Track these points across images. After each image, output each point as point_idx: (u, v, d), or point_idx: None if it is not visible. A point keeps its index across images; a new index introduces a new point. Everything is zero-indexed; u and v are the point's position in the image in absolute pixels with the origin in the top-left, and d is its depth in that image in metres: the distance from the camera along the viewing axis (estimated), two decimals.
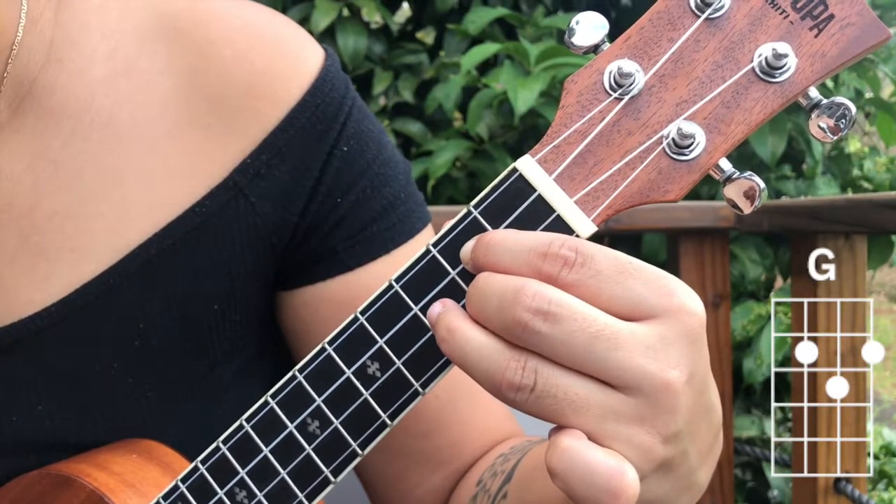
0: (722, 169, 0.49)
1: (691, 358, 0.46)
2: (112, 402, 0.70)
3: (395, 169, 0.74)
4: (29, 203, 0.68)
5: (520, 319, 0.45)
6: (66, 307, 0.68)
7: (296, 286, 0.74)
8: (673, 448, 0.46)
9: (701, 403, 0.47)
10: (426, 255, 0.51)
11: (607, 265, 0.46)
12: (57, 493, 0.65)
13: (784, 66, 0.48)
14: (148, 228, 0.68)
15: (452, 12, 2.45)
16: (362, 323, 0.52)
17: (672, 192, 0.49)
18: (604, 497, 0.44)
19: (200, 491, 0.56)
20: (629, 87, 0.49)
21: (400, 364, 0.52)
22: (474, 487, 0.73)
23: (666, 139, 0.49)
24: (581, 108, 0.50)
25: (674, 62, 0.49)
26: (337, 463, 0.54)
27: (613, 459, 0.44)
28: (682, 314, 0.45)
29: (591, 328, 0.44)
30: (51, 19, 0.68)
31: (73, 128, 0.68)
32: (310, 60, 0.71)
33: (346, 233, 0.72)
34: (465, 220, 0.51)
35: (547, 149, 0.50)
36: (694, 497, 0.50)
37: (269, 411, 0.54)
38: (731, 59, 0.49)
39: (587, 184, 0.50)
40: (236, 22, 0.70)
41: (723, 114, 0.49)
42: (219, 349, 0.73)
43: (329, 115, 0.71)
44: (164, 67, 0.69)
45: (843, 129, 0.47)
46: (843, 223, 1.65)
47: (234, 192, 0.69)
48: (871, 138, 2.44)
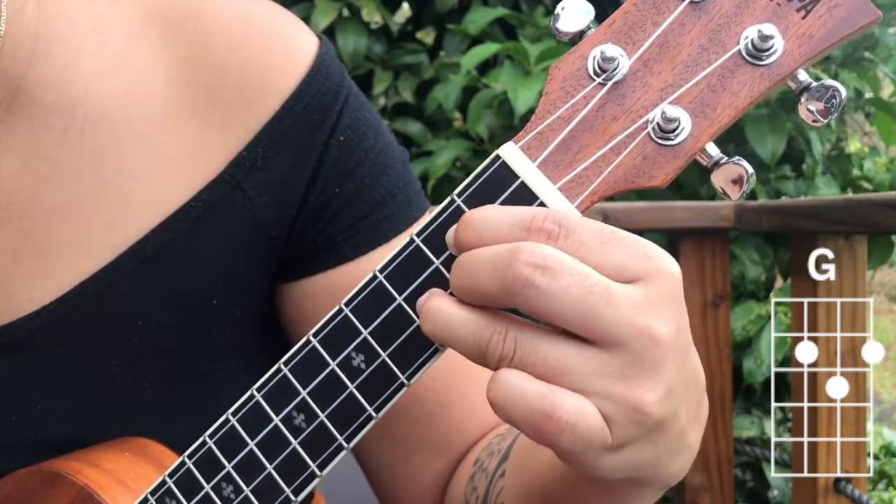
0: (709, 154, 0.49)
1: (675, 316, 0.46)
2: (111, 401, 0.70)
3: (393, 157, 0.74)
4: (27, 202, 0.68)
5: (520, 274, 0.45)
6: (64, 305, 0.68)
7: (296, 277, 0.73)
8: (664, 408, 0.46)
9: (687, 362, 0.48)
10: (410, 244, 0.51)
11: (590, 235, 0.46)
12: (47, 489, 0.64)
13: (771, 48, 0.47)
14: (145, 224, 0.68)
15: (452, 12, 2.45)
16: (347, 315, 0.52)
17: (658, 178, 0.48)
18: (539, 419, 0.45)
19: (187, 486, 0.56)
20: (613, 72, 0.49)
21: (385, 356, 0.51)
22: (472, 467, 0.73)
23: (651, 124, 0.48)
24: (565, 94, 0.50)
25: (658, 46, 0.49)
26: (323, 457, 0.53)
27: (546, 385, 0.45)
28: (662, 276, 0.46)
29: (586, 283, 0.45)
30: (34, 13, 0.67)
31: (67, 124, 0.67)
32: (305, 49, 0.71)
33: (345, 223, 0.72)
34: (449, 209, 0.50)
35: (530, 135, 0.50)
36: (686, 460, 0.51)
37: (254, 404, 0.54)
38: (716, 42, 0.48)
39: (571, 170, 0.49)
40: (228, 12, 0.70)
41: (709, 98, 0.48)
42: (220, 345, 0.72)
43: (325, 104, 0.70)
44: (156, 60, 0.69)
45: (833, 111, 0.47)
46: (843, 223, 1.65)
47: (232, 185, 0.69)
48: (871, 138, 2.44)
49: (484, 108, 2.12)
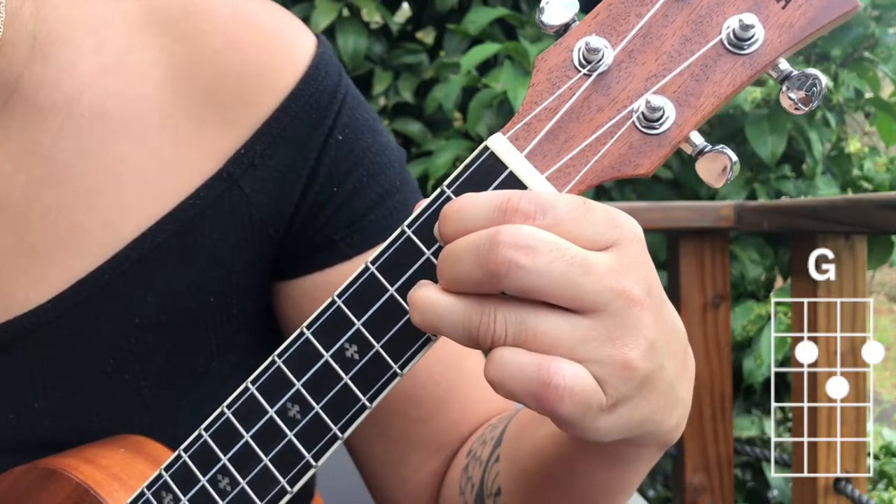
0: (694, 143, 0.49)
1: (646, 276, 0.48)
2: (109, 399, 0.70)
3: (391, 157, 0.74)
4: (22, 201, 0.67)
5: (504, 258, 0.46)
6: (61, 304, 0.68)
7: (293, 276, 0.73)
8: (650, 362, 0.48)
9: (664, 315, 0.49)
10: (401, 236, 0.51)
11: (565, 211, 0.47)
12: (43, 486, 0.65)
13: (752, 37, 0.47)
14: (142, 223, 0.68)
15: (452, 12, 2.46)
16: (339, 306, 0.52)
17: (643, 167, 0.49)
18: (538, 388, 0.46)
19: (184, 479, 0.56)
20: (598, 63, 0.49)
21: (378, 346, 0.51)
22: (465, 458, 0.73)
23: (635, 113, 0.49)
24: (551, 86, 0.50)
25: (642, 37, 0.49)
26: (318, 447, 0.53)
27: (540, 356, 0.47)
28: (630, 240, 0.48)
29: (566, 256, 0.46)
30: (32, 13, 0.67)
31: (62, 123, 0.67)
32: (303, 48, 0.71)
33: (343, 222, 0.72)
34: (439, 200, 0.51)
35: (518, 126, 0.50)
36: (681, 415, 0.52)
37: (249, 397, 0.54)
38: (699, 32, 0.49)
39: (558, 159, 0.50)
40: (227, 11, 0.70)
41: (692, 87, 0.49)
42: (216, 344, 0.72)
43: (323, 103, 0.70)
44: (154, 59, 0.69)
45: (814, 99, 0.47)
46: (843, 223, 1.65)
47: (229, 183, 0.69)
48: (871, 138, 2.44)
49: (484, 108, 2.12)
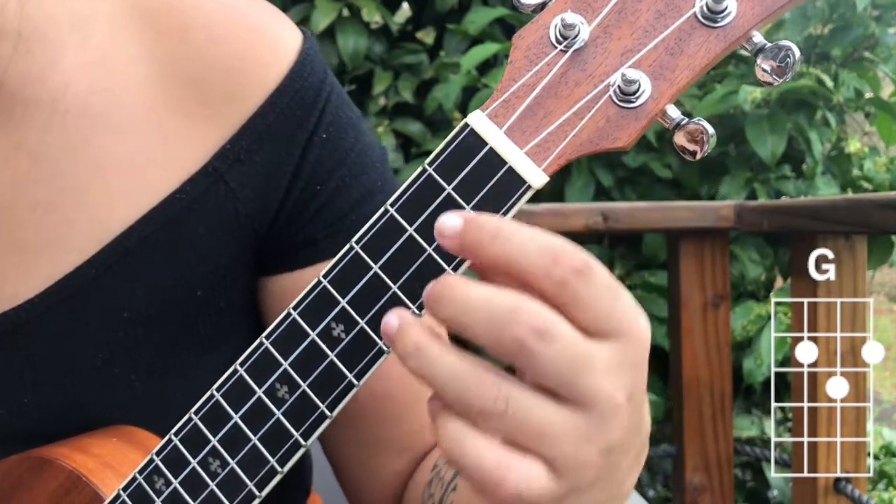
0: (671, 116, 0.50)
1: (635, 380, 0.46)
2: (98, 393, 0.70)
3: (373, 156, 0.74)
4: (9, 197, 0.68)
5: (517, 337, 0.44)
6: (49, 298, 0.68)
7: (277, 272, 0.74)
8: (609, 461, 0.47)
9: (636, 419, 0.48)
10: (384, 214, 0.52)
11: (602, 280, 0.45)
12: (36, 474, 0.65)
13: (725, 10, 0.48)
14: (129, 217, 0.68)
15: (452, 12, 2.46)
16: (325, 286, 0.53)
17: (621, 140, 0.49)
18: (487, 486, 0.45)
19: (174, 463, 0.57)
20: (574, 39, 0.50)
21: (363, 323, 0.52)
22: (430, 473, 0.74)
23: (612, 87, 0.49)
24: (528, 62, 0.51)
25: (617, 13, 0.50)
26: (306, 426, 0.54)
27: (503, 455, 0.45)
28: (636, 339, 0.46)
29: (574, 348, 0.44)
30: (16, 11, 0.67)
31: (48, 119, 0.67)
32: (288, 44, 0.71)
33: (325, 221, 0.72)
34: (421, 178, 0.51)
35: (497, 103, 0.51)
36: (622, 502, 0.51)
37: (237, 379, 0.55)
38: (672, 6, 0.49)
39: (537, 135, 0.50)
40: (211, 5, 0.70)
41: (667, 60, 0.49)
42: (205, 337, 0.72)
43: (308, 100, 0.70)
44: (139, 54, 0.69)
45: (788, 71, 0.47)
46: (843, 223, 1.65)
47: (215, 178, 0.69)
48: (871, 138, 2.43)
49: None
